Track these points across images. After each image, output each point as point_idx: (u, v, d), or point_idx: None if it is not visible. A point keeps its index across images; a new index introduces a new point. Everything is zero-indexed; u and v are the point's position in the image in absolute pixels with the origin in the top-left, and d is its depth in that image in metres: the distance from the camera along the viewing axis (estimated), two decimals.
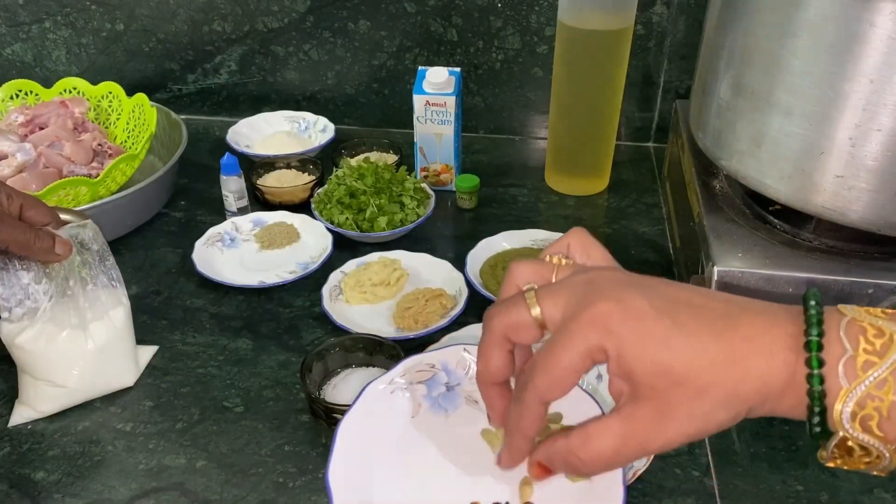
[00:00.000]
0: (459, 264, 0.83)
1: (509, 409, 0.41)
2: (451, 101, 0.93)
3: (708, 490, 0.61)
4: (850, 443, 0.35)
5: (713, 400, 0.36)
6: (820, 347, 0.35)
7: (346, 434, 0.52)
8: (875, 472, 0.37)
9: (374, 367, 0.70)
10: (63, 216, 0.66)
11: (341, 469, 0.51)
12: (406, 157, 1.03)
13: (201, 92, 1.20)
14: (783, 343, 0.36)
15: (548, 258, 0.45)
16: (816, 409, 0.35)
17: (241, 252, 0.89)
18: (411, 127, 0.97)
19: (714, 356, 0.36)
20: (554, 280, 0.42)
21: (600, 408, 0.52)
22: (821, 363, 0.35)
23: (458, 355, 0.57)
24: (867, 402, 0.34)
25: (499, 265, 0.83)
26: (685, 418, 0.36)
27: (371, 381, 0.55)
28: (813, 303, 0.36)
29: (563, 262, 0.44)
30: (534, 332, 0.40)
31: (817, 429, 0.36)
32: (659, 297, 0.38)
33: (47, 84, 1.07)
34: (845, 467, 0.37)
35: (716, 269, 0.64)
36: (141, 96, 1.01)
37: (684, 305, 0.38)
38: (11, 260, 0.63)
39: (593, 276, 0.40)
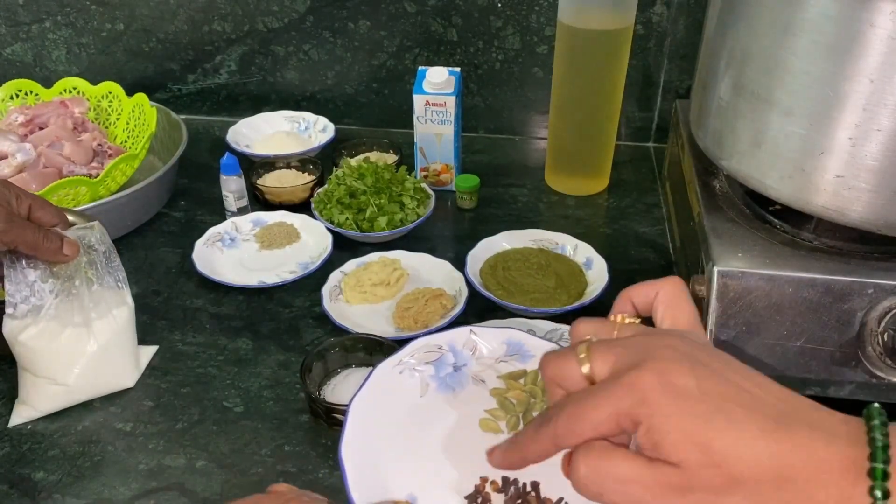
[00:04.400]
0: (459, 264, 0.83)
1: (532, 425, 0.40)
2: (451, 101, 0.93)
3: None
4: None
5: (744, 496, 0.34)
6: (886, 476, 0.32)
7: (358, 412, 0.54)
8: None
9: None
10: (68, 217, 0.67)
11: (353, 446, 0.52)
12: (406, 157, 1.03)
13: (201, 92, 1.20)
14: (839, 465, 0.33)
15: (612, 317, 0.44)
16: None
17: (241, 252, 0.89)
18: (411, 127, 0.97)
19: (759, 453, 0.33)
20: (615, 337, 0.41)
21: None
22: (886, 494, 0.32)
23: (465, 336, 0.59)
24: None
25: (499, 265, 0.83)
26: (705, 503, 0.34)
27: (381, 362, 0.57)
28: (877, 422, 0.33)
29: (627, 321, 0.43)
30: (583, 385, 0.39)
31: None
32: (712, 377, 0.36)
33: (47, 84, 1.07)
34: None
35: (716, 269, 0.64)
36: (141, 96, 1.01)
37: (736, 392, 0.35)
38: (19, 258, 0.63)
39: (651, 341, 0.38)
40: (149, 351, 0.75)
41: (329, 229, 0.89)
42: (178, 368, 0.73)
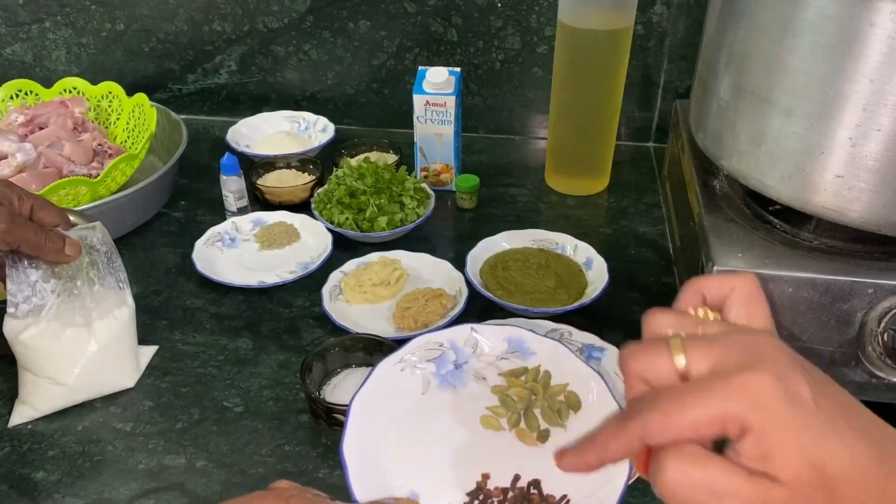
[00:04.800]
0: (459, 264, 0.83)
1: (613, 421, 0.36)
2: (451, 101, 0.93)
3: None
4: None
5: None
6: None
7: (359, 410, 0.54)
8: None
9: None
10: (70, 218, 0.67)
11: (355, 443, 0.52)
12: (406, 157, 1.03)
13: (201, 92, 1.20)
14: None
15: (691, 310, 0.40)
16: None
17: (241, 252, 0.89)
18: (411, 127, 0.97)
19: (869, 482, 0.31)
20: (700, 333, 0.37)
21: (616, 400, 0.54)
22: None
23: (467, 334, 0.59)
24: None
25: (499, 265, 0.83)
26: None
27: (382, 360, 0.57)
28: None
29: (712, 316, 0.39)
30: (675, 381, 0.35)
31: None
32: (823, 391, 0.33)
33: (47, 84, 1.07)
34: None
35: (716, 269, 0.64)
36: (141, 96, 1.01)
37: (841, 411, 0.33)
38: (21, 258, 0.63)
39: (758, 340, 0.35)
40: (149, 351, 0.75)
41: (329, 229, 0.89)
42: (178, 368, 0.73)
